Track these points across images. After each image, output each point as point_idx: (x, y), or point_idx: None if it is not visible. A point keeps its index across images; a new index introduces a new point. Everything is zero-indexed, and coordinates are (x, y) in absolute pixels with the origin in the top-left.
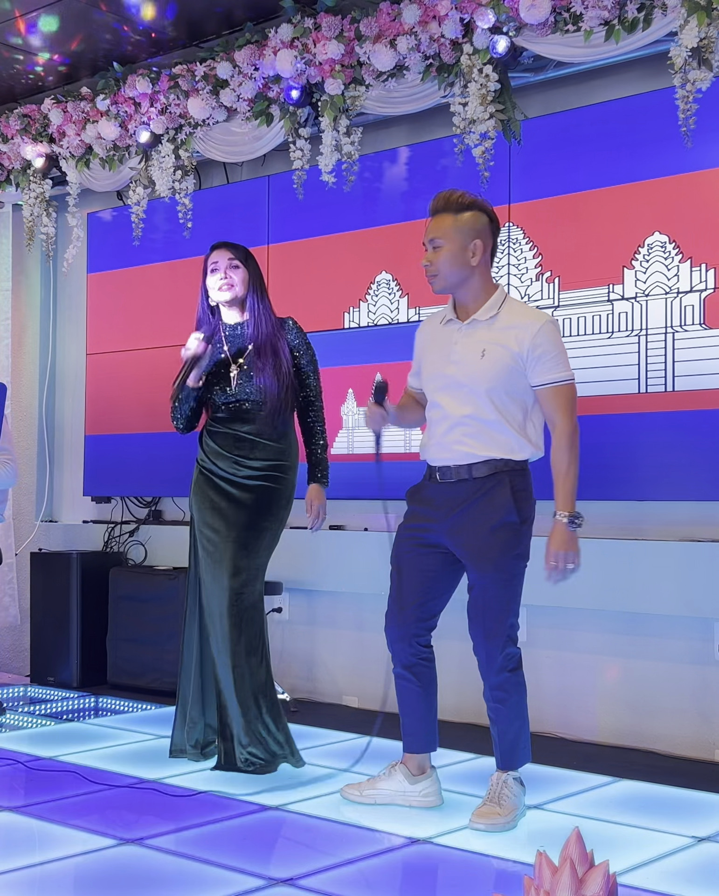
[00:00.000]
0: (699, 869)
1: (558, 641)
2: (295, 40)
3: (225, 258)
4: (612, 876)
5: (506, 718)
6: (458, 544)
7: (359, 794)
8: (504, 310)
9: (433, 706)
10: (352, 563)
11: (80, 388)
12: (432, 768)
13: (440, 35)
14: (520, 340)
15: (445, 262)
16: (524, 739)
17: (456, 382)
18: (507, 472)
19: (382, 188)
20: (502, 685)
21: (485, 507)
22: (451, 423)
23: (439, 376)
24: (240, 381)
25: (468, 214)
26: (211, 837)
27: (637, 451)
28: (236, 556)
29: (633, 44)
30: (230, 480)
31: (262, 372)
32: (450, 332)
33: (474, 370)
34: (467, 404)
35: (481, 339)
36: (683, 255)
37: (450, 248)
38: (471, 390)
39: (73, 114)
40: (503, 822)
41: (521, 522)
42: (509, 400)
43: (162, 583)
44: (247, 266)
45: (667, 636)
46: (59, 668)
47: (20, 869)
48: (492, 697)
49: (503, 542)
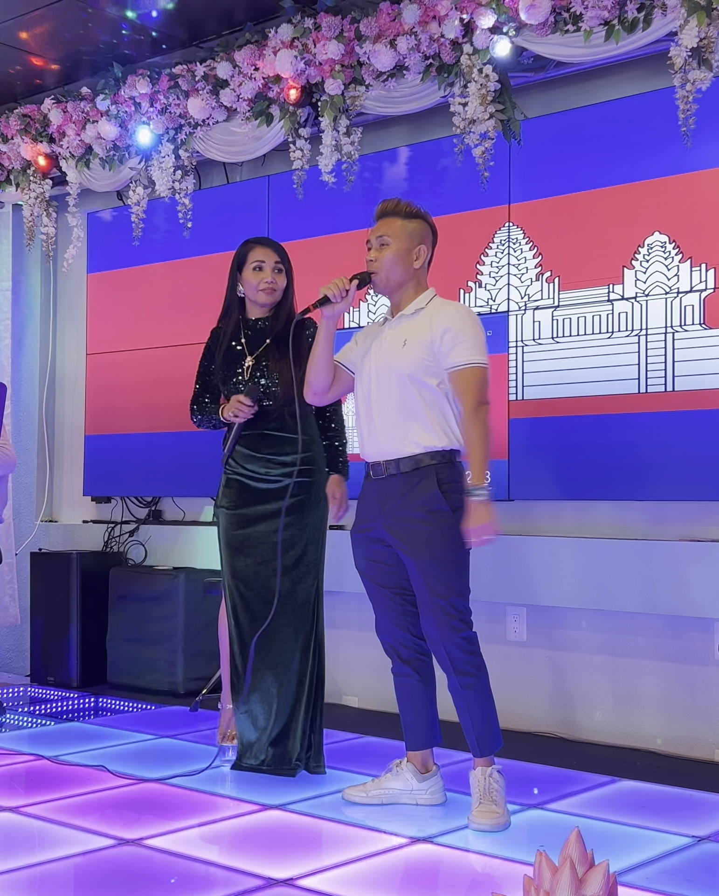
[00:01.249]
0: (699, 869)
1: (558, 641)
2: (295, 40)
3: (272, 260)
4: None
5: (477, 702)
6: (395, 540)
7: (366, 794)
8: (430, 305)
9: (433, 701)
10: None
11: (80, 388)
12: (436, 766)
13: (440, 35)
14: (433, 326)
15: (389, 260)
16: (495, 722)
17: (381, 375)
18: (433, 466)
19: (382, 188)
20: (465, 668)
21: (413, 501)
22: (377, 418)
23: (367, 373)
24: (256, 375)
25: (415, 222)
26: (211, 837)
27: (637, 451)
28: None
29: (633, 44)
30: (264, 480)
31: (278, 364)
32: (381, 331)
33: (395, 359)
34: (391, 396)
35: (403, 331)
36: (683, 255)
37: (396, 248)
38: (394, 380)
39: (73, 114)
40: (504, 820)
41: (453, 511)
42: (430, 387)
43: (162, 583)
44: (287, 270)
45: (667, 636)
46: (59, 668)
47: (20, 869)
48: (460, 684)
49: (437, 530)
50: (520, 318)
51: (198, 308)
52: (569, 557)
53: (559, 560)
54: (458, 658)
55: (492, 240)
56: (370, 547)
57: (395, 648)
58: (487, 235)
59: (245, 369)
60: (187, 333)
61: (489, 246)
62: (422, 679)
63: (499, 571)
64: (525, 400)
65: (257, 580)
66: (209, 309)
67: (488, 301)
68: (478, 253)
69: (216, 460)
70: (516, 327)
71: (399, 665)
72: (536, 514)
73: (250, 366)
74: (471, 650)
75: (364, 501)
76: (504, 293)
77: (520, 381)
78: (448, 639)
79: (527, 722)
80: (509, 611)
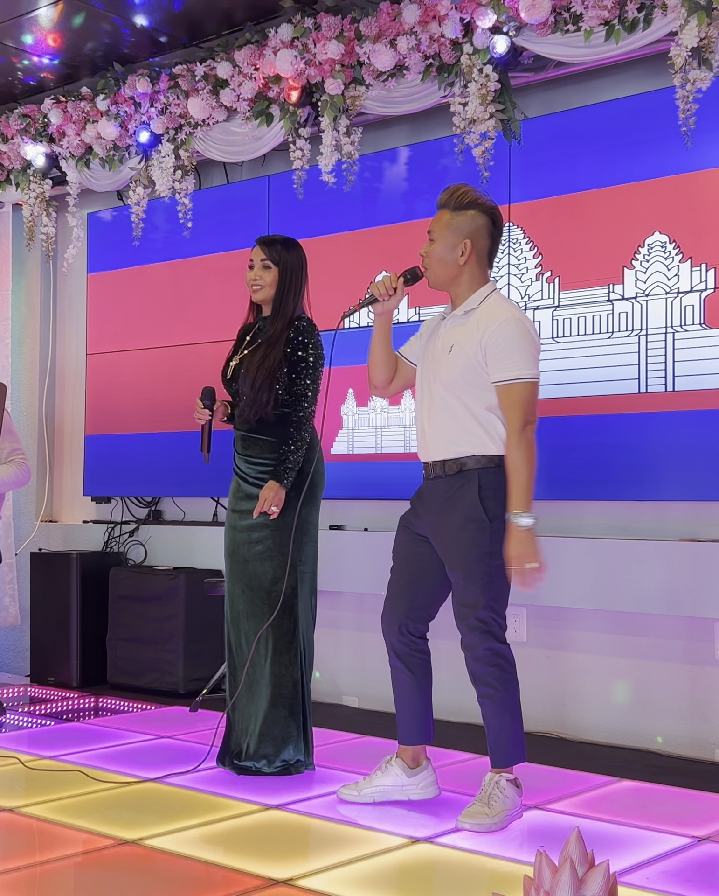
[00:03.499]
0: (699, 869)
1: (558, 641)
2: (295, 40)
3: (259, 257)
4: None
5: (492, 714)
6: (434, 541)
7: (358, 793)
8: (483, 305)
9: (428, 698)
10: (352, 563)
11: (80, 388)
12: (427, 759)
13: (440, 35)
14: (481, 335)
15: (434, 257)
16: (514, 738)
17: (429, 379)
18: (476, 470)
19: (382, 188)
20: (485, 679)
21: (453, 506)
22: (426, 418)
23: (421, 372)
24: (235, 377)
25: (466, 214)
26: (211, 837)
27: (637, 451)
28: (260, 556)
29: (633, 44)
30: (247, 480)
31: (248, 366)
32: (438, 326)
33: (441, 365)
34: (436, 401)
35: (452, 335)
36: (683, 255)
37: (439, 245)
38: (441, 386)
39: (73, 114)
40: (489, 822)
41: (490, 520)
42: (472, 397)
43: (162, 583)
44: (280, 265)
45: (667, 636)
46: (59, 668)
47: (20, 869)
48: (478, 693)
49: (470, 540)
50: None
51: (199, 308)
52: (569, 557)
53: (559, 560)
54: (478, 669)
55: None
56: (413, 539)
57: (393, 640)
58: None
59: (229, 368)
60: (187, 333)
61: None
62: (415, 676)
63: None
64: None
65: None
66: (209, 309)
67: None
68: None
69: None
70: None
71: (394, 659)
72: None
73: (235, 365)
74: (494, 663)
75: (416, 497)
76: (504, 293)
77: None
78: (470, 647)
79: (527, 722)
80: (509, 611)
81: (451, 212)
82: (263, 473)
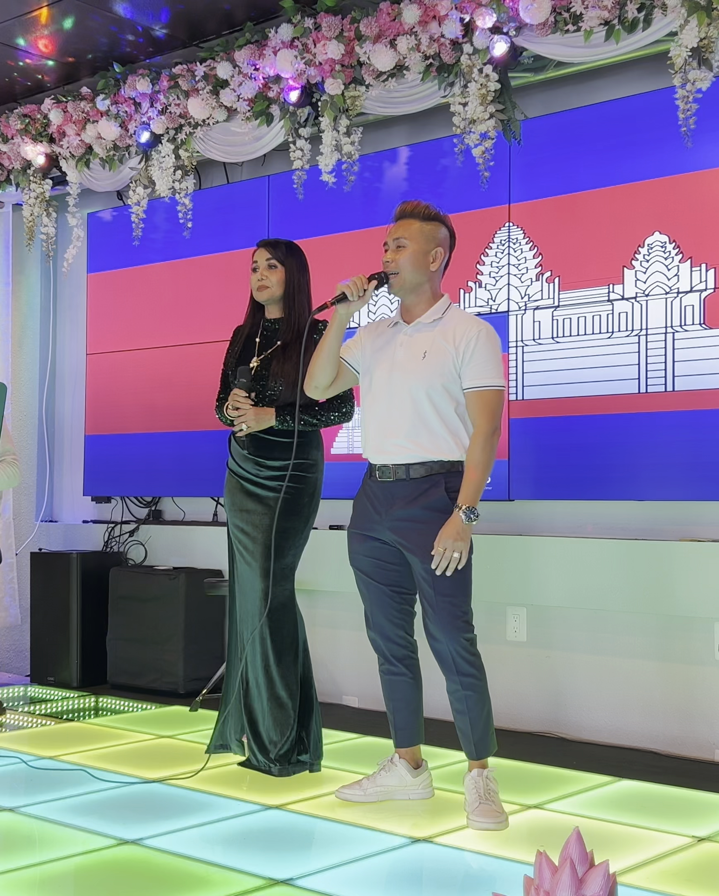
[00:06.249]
0: (699, 869)
1: (558, 641)
2: (295, 40)
3: (263, 258)
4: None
5: (477, 704)
6: (400, 540)
7: (363, 793)
8: (447, 315)
9: (421, 699)
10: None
11: (80, 388)
12: (424, 760)
13: (440, 35)
14: (457, 343)
15: (407, 262)
16: (492, 725)
17: (397, 383)
18: (443, 475)
19: (382, 188)
20: (469, 670)
21: (420, 503)
22: (389, 423)
23: (380, 377)
24: (256, 377)
25: (434, 224)
26: (211, 837)
27: (637, 451)
28: (263, 558)
29: (633, 44)
30: (253, 481)
31: (279, 369)
32: (393, 334)
33: (415, 371)
34: (406, 405)
35: (423, 342)
36: (683, 255)
37: (414, 250)
38: (412, 391)
39: (73, 114)
40: (503, 819)
41: None
42: (446, 401)
43: (162, 583)
44: (286, 265)
45: (667, 636)
46: (59, 668)
47: (20, 869)
48: (462, 685)
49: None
50: (520, 318)
51: (198, 308)
52: (569, 557)
53: (559, 560)
54: (461, 659)
55: (492, 240)
56: (370, 544)
57: (388, 646)
58: (487, 235)
59: (250, 370)
60: (187, 333)
61: (489, 246)
62: (414, 677)
63: (499, 571)
64: (525, 400)
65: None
66: (209, 309)
67: (488, 301)
68: (478, 253)
69: (216, 460)
70: (516, 327)
71: (391, 663)
72: (536, 514)
73: (255, 367)
74: (474, 651)
75: (365, 501)
76: (504, 293)
77: (520, 381)
78: (453, 639)
79: (528, 722)
80: (509, 611)
81: (420, 221)
82: (274, 478)
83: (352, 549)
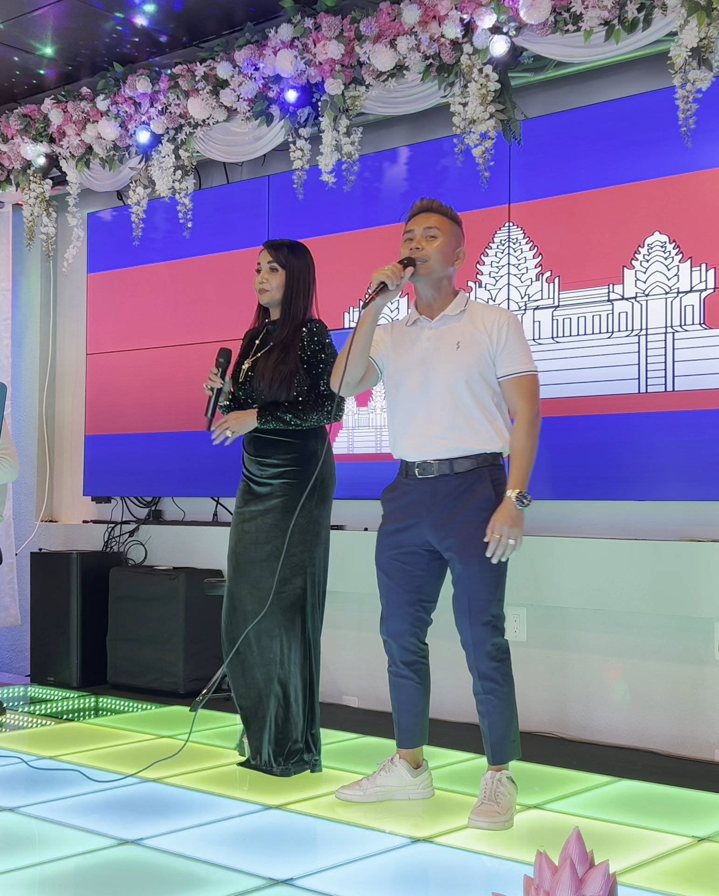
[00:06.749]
0: (699, 869)
1: (558, 641)
2: (295, 40)
3: (266, 260)
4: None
5: (497, 709)
6: (442, 539)
7: (363, 793)
8: (471, 306)
9: (428, 702)
10: (352, 563)
11: (80, 388)
12: (425, 760)
13: (440, 35)
14: (489, 331)
15: (438, 252)
16: (514, 732)
17: (432, 377)
18: (487, 467)
19: (382, 188)
20: (492, 675)
21: (468, 501)
22: (428, 418)
23: (411, 374)
24: (247, 379)
25: (458, 226)
26: (211, 837)
27: (637, 451)
28: (270, 557)
29: (633, 44)
30: (257, 482)
31: (262, 369)
32: (417, 331)
33: (450, 361)
34: (444, 398)
35: (453, 333)
36: (683, 255)
37: (444, 242)
38: (450, 382)
39: (73, 114)
40: (503, 820)
41: None
42: (484, 390)
43: (162, 583)
44: (287, 268)
45: (667, 636)
46: (59, 668)
47: (20, 869)
48: (483, 689)
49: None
50: (520, 318)
51: (198, 308)
52: (569, 557)
53: (559, 560)
54: (485, 663)
55: (492, 240)
56: (400, 549)
57: (399, 651)
58: (487, 235)
59: (241, 371)
60: (187, 333)
61: (489, 246)
62: (422, 682)
63: None
64: None
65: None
66: (209, 309)
67: (488, 301)
68: (478, 253)
69: (216, 460)
70: None
71: (399, 667)
72: (536, 514)
73: (246, 368)
74: (500, 657)
75: (404, 499)
76: (504, 293)
77: None
78: (480, 642)
79: (527, 722)
80: (509, 611)
81: (449, 220)
82: (274, 476)
83: (379, 550)
